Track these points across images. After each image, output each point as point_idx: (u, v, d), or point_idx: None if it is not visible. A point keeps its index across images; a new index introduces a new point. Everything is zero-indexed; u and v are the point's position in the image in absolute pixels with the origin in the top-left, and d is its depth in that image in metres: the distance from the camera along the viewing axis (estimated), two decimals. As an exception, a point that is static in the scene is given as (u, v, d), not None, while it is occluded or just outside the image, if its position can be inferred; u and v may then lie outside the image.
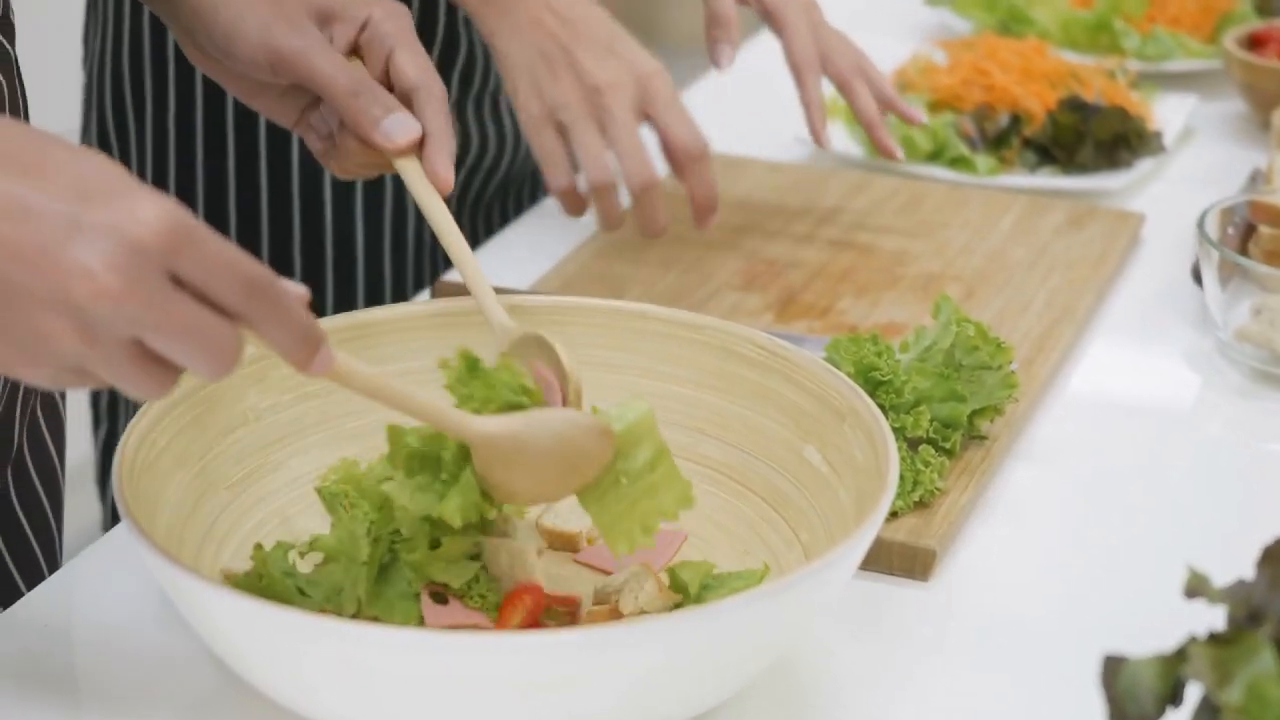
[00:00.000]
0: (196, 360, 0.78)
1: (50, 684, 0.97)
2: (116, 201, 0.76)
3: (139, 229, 0.75)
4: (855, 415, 1.00)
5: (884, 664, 1.00)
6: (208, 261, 0.77)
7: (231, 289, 0.77)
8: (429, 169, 1.06)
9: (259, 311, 0.79)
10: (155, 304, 0.75)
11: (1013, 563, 1.09)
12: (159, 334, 0.76)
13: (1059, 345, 1.30)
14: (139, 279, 0.75)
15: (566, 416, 0.93)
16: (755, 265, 1.42)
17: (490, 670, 0.83)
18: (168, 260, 0.76)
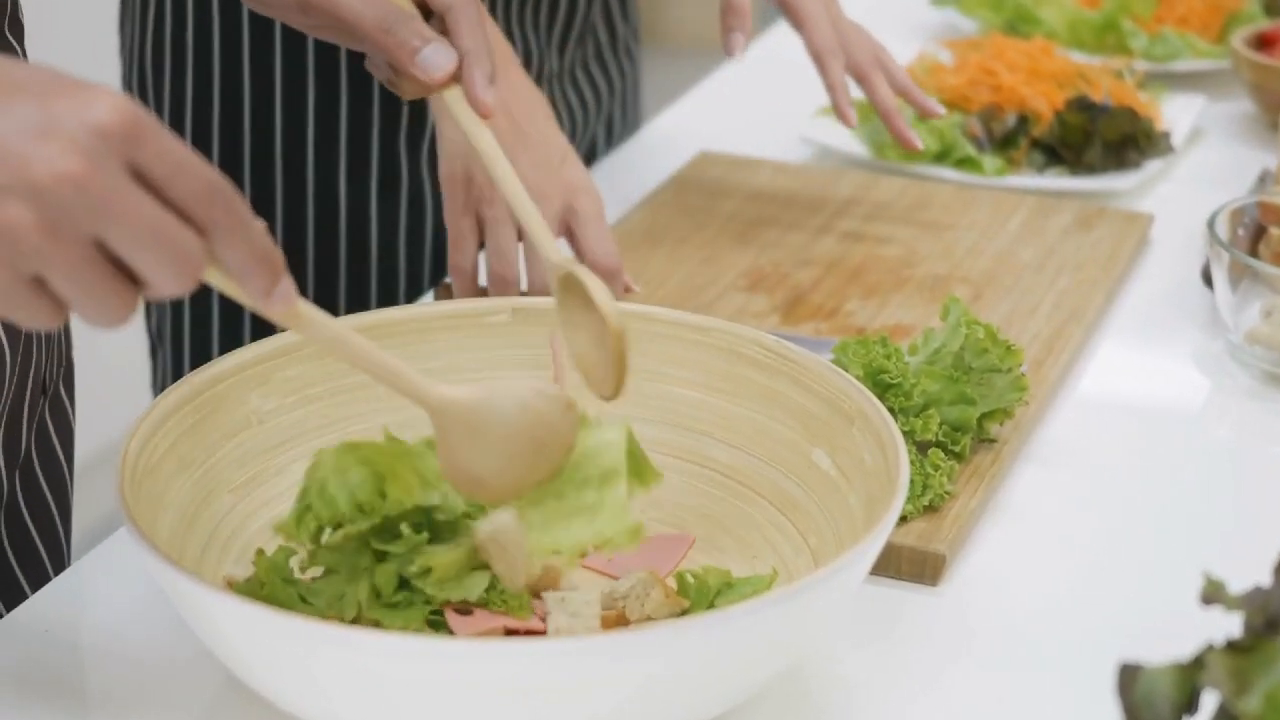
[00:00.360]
0: (158, 266, 0.74)
1: (54, 688, 0.96)
2: (78, 93, 0.74)
3: (100, 114, 0.73)
4: (864, 418, 0.99)
5: (893, 670, 0.99)
6: (169, 157, 0.74)
7: (194, 190, 0.75)
8: (468, 94, 1.03)
9: (221, 220, 0.75)
10: (118, 192, 0.73)
11: (1023, 567, 1.08)
12: (121, 227, 0.73)
13: (1068, 347, 1.29)
14: (101, 164, 0.72)
15: (531, 386, 0.91)
16: (762, 266, 1.41)
17: (497, 676, 0.82)
18: (130, 149, 0.73)
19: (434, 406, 0.89)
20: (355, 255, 1.54)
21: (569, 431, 0.91)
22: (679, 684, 0.85)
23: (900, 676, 0.99)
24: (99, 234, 0.74)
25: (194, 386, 1.00)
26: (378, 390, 1.08)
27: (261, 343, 1.05)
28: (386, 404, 1.07)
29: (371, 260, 1.54)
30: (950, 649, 1.01)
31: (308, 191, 1.52)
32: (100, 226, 0.73)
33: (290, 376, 1.05)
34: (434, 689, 0.83)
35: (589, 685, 0.83)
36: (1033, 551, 1.10)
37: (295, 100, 1.50)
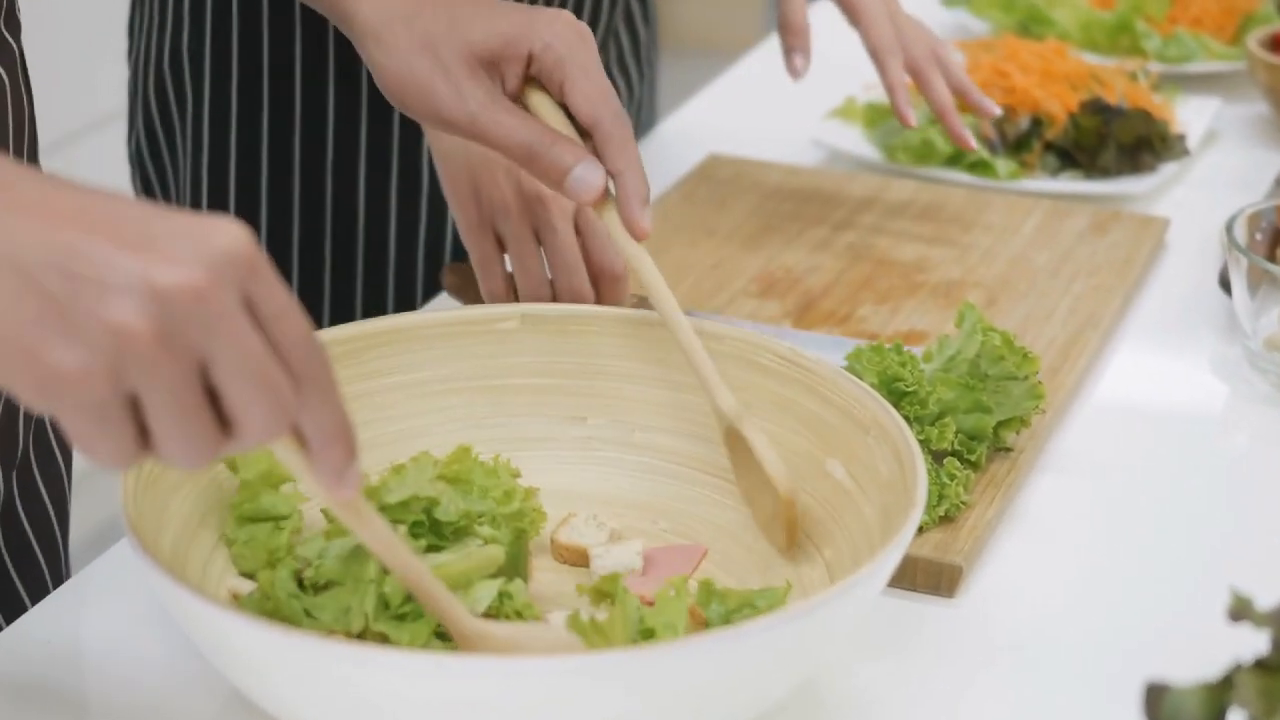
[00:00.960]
0: (253, 404, 0.72)
1: (55, 704, 0.94)
2: (200, 217, 0.72)
3: (224, 238, 0.71)
4: (880, 427, 0.98)
5: (908, 684, 0.97)
6: (279, 298, 0.72)
7: (296, 337, 0.72)
8: (623, 215, 1.02)
9: (315, 376, 0.73)
10: (233, 314, 0.71)
11: (1041, 579, 1.07)
12: (229, 351, 0.71)
13: (1084, 354, 1.27)
14: (222, 282, 0.70)
15: (564, 639, 0.88)
16: (773, 271, 1.39)
17: (507, 694, 0.80)
18: (247, 278, 0.71)
19: (466, 640, 0.87)
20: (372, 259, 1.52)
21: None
22: (692, 701, 0.83)
23: (916, 691, 0.97)
24: (207, 353, 0.71)
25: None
26: (385, 398, 1.07)
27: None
28: (399, 411, 1.07)
29: (389, 264, 1.52)
30: (968, 663, 1.00)
31: (326, 199, 1.50)
32: (211, 346, 0.71)
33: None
34: (440, 707, 0.81)
35: (603, 702, 0.81)
36: (1051, 563, 1.08)
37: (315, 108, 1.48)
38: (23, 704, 0.94)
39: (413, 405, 1.07)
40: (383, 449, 1.05)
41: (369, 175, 1.49)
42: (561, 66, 1.02)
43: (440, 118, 1.02)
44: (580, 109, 1.03)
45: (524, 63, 1.03)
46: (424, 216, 1.50)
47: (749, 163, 1.59)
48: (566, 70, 1.02)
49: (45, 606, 1.02)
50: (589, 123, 1.03)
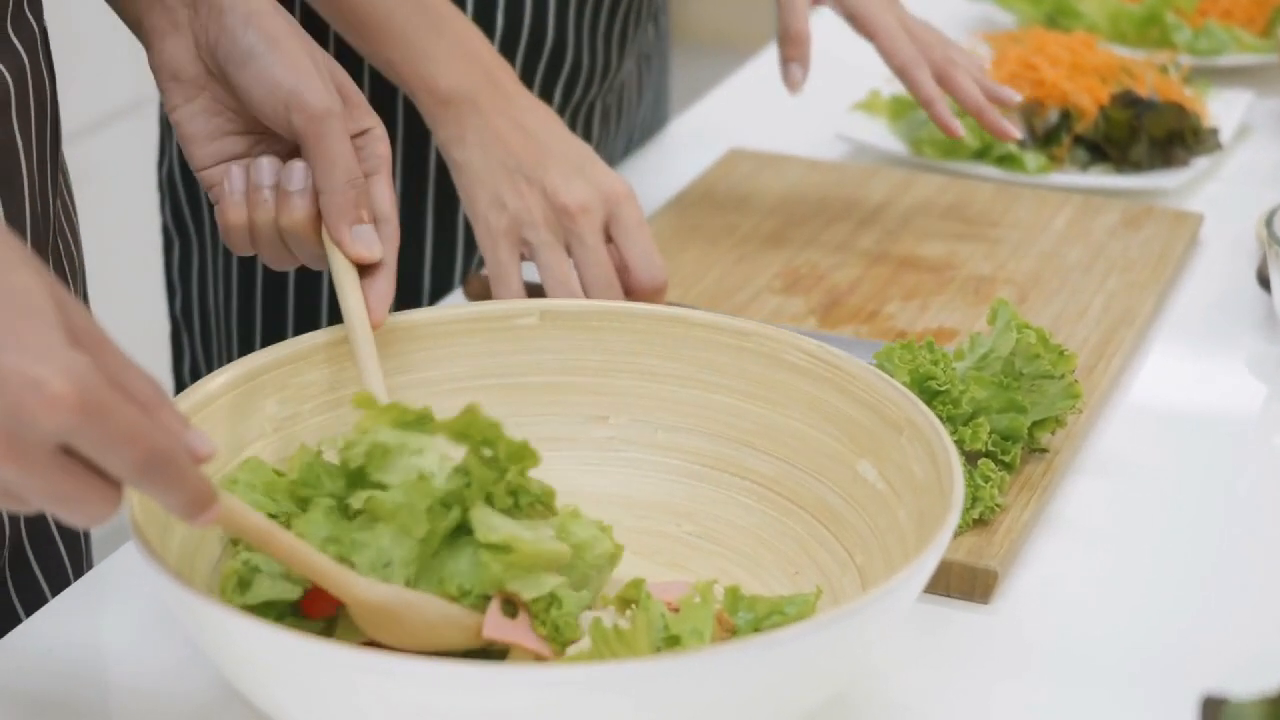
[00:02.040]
0: (69, 517, 0.75)
1: (71, 698, 0.92)
2: (25, 362, 0.71)
3: (36, 402, 0.71)
4: (913, 427, 0.94)
5: (942, 692, 0.94)
6: (106, 440, 0.73)
7: (126, 466, 0.74)
8: (372, 297, 1.01)
9: (151, 484, 0.75)
10: (35, 474, 0.72)
11: (1079, 584, 1.03)
12: (33, 496, 0.74)
13: (1119, 352, 1.23)
14: (23, 449, 0.72)
15: (443, 610, 0.86)
16: (797, 267, 1.36)
17: (524, 705, 0.76)
18: (60, 435, 0.72)
19: (346, 600, 0.86)
20: None
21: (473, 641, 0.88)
22: (719, 712, 0.79)
23: (950, 699, 0.93)
24: (10, 489, 0.74)
25: (206, 393, 0.95)
26: (404, 396, 1.03)
27: (277, 347, 1.00)
28: (409, 411, 1.03)
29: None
30: (1003, 670, 0.96)
31: None
32: (12, 488, 0.73)
33: (309, 381, 1.01)
34: (461, 716, 0.77)
35: (629, 713, 0.77)
36: (1088, 567, 1.04)
37: None
38: (40, 701, 0.91)
39: (429, 404, 1.03)
40: (397, 449, 1.02)
41: None
42: (381, 159, 1.04)
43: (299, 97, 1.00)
44: (382, 201, 1.03)
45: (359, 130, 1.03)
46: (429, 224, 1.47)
47: (770, 157, 1.55)
48: (383, 165, 1.04)
49: (63, 600, 1.00)
50: (383, 217, 1.03)
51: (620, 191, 1.19)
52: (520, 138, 1.20)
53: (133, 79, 2.68)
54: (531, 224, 1.18)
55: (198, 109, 1.04)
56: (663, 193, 1.51)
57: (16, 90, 1.02)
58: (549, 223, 1.18)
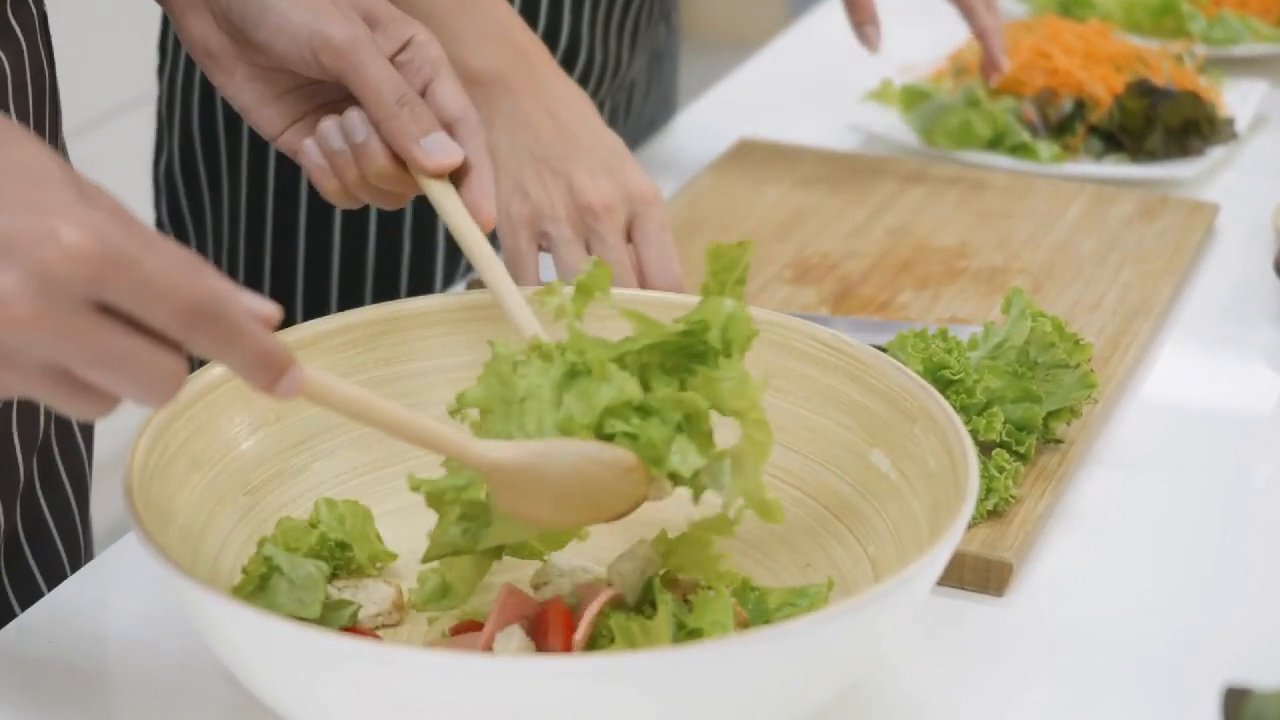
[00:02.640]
0: (129, 391, 0.71)
1: (68, 694, 0.90)
2: (39, 218, 0.68)
3: (56, 255, 0.68)
4: (928, 417, 0.92)
5: (956, 686, 0.92)
6: (140, 289, 0.70)
7: (170, 317, 0.70)
8: (471, 200, 0.99)
9: (205, 339, 0.72)
10: (73, 335, 0.69)
11: (1094, 577, 1.01)
12: (82, 365, 0.70)
13: (1135, 343, 1.22)
14: (53, 309, 0.68)
15: (586, 450, 0.84)
16: (808, 257, 1.34)
17: (535, 697, 0.75)
18: (91, 289, 0.69)
19: (481, 470, 0.83)
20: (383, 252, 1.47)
21: (631, 492, 0.85)
22: (731, 703, 0.78)
23: (964, 693, 0.92)
24: (56, 363, 0.70)
25: (207, 381, 0.94)
26: (403, 385, 1.02)
27: (281, 333, 0.98)
28: (410, 400, 1.02)
29: (404, 255, 1.46)
30: (1018, 663, 0.94)
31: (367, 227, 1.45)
32: (56, 359, 0.70)
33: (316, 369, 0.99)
34: (460, 710, 0.76)
35: (636, 707, 0.76)
36: (1104, 560, 1.03)
37: None
38: (40, 692, 0.90)
39: (434, 393, 1.02)
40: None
41: None
42: (436, 62, 1.01)
43: (321, 34, 0.97)
44: (449, 102, 1.00)
45: (400, 44, 1.01)
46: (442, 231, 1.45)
47: (781, 147, 1.54)
48: (440, 67, 1.01)
49: (64, 590, 0.99)
50: (455, 115, 1.00)
51: (647, 193, 1.17)
52: (550, 126, 1.18)
53: (130, 75, 2.67)
54: (553, 218, 1.17)
55: (241, 80, 1.02)
56: (672, 183, 1.49)
57: (14, 75, 1.01)
58: (570, 218, 1.16)
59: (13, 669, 0.92)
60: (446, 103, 1.00)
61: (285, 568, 0.90)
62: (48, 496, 1.11)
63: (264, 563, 0.90)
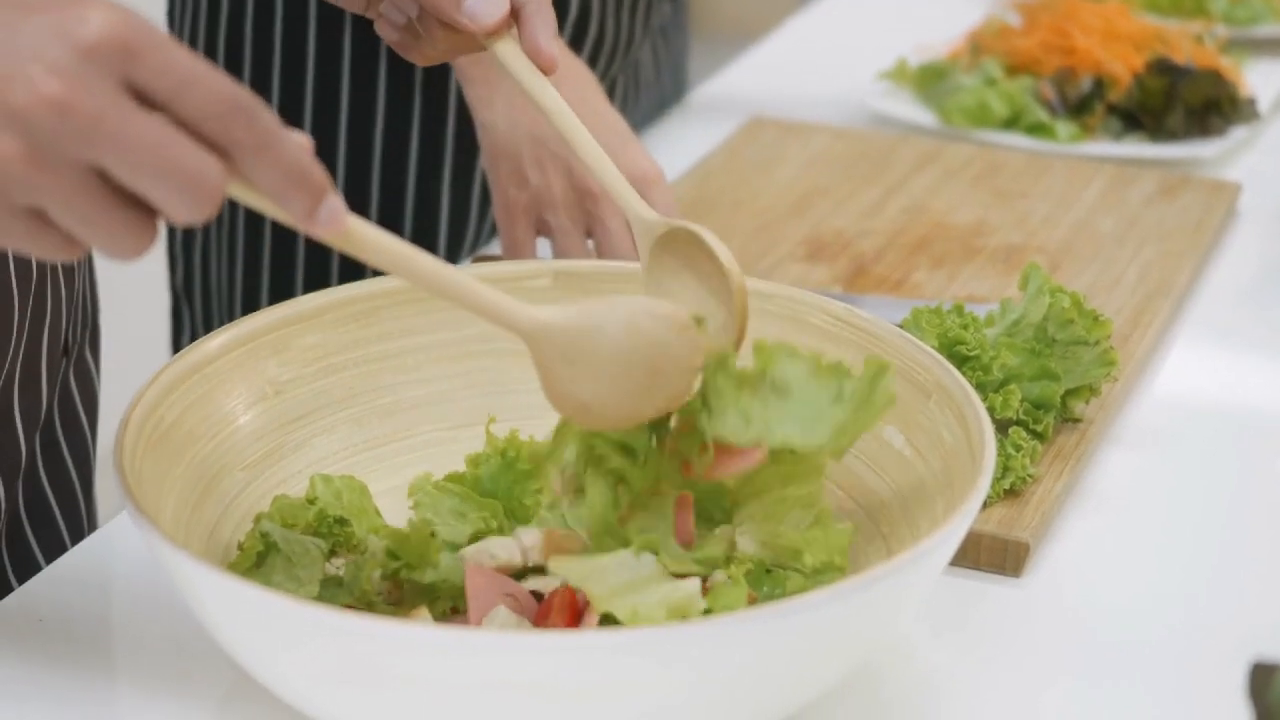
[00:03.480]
0: (168, 193, 0.66)
1: (76, 660, 0.88)
2: (64, 5, 0.65)
3: (88, 29, 0.65)
4: (942, 391, 0.90)
5: (971, 668, 0.90)
6: (175, 72, 0.65)
7: (207, 107, 0.66)
8: (529, 45, 0.94)
9: (243, 139, 0.67)
10: (109, 116, 0.64)
11: (1113, 557, 0.99)
12: (117, 153, 0.65)
13: (1155, 322, 1.19)
14: (89, 85, 0.64)
15: (642, 304, 0.79)
16: (821, 235, 1.31)
17: (538, 674, 0.72)
18: (125, 66, 0.65)
19: (527, 333, 0.78)
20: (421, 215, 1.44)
21: (690, 353, 0.80)
22: (735, 684, 0.75)
23: (980, 675, 0.89)
24: (94, 161, 0.66)
25: (204, 353, 0.91)
26: (406, 360, 0.99)
27: (279, 306, 0.96)
28: (417, 375, 0.99)
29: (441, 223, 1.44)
30: (1035, 645, 0.92)
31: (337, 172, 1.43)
32: (94, 154, 0.65)
33: (311, 344, 0.97)
34: (460, 690, 0.73)
35: (643, 683, 0.73)
36: (1123, 541, 1.00)
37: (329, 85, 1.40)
38: (41, 665, 0.88)
39: (436, 369, 1.00)
40: (403, 415, 0.98)
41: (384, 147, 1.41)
42: None
43: None
44: None
45: None
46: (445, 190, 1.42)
47: (794, 126, 1.51)
48: None
49: (66, 561, 0.97)
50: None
51: (648, 175, 1.14)
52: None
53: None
54: (551, 205, 1.14)
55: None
56: (683, 162, 1.47)
57: None
58: (569, 206, 1.14)
59: (14, 641, 0.90)
60: None
61: (282, 544, 0.88)
62: (50, 476, 1.09)
63: (261, 539, 0.88)
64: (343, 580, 0.87)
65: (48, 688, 0.86)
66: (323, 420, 0.96)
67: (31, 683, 0.87)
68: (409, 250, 0.74)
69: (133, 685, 0.88)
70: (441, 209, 1.42)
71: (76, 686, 0.86)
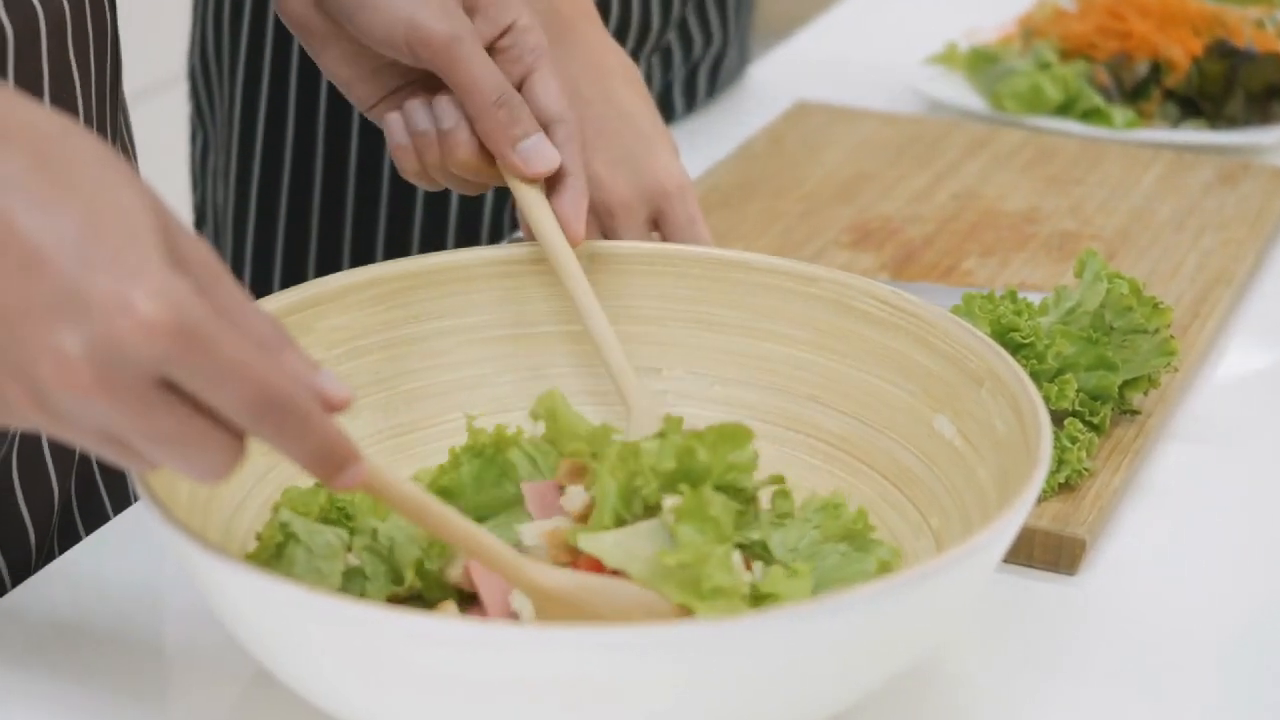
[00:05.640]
0: (183, 466, 0.67)
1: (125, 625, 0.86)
2: (119, 282, 0.64)
3: (128, 326, 0.63)
4: (996, 379, 0.85)
5: (1024, 670, 0.86)
6: (211, 372, 0.65)
7: (239, 405, 0.66)
8: (562, 212, 0.95)
9: (270, 431, 0.67)
10: (131, 410, 0.65)
11: (1172, 555, 0.95)
12: (137, 439, 0.66)
13: (1215, 312, 1.15)
14: (116, 380, 0.64)
15: (637, 596, 0.78)
16: (868, 221, 1.27)
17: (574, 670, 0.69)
18: (159, 367, 0.64)
19: (529, 591, 0.78)
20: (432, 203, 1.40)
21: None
22: (773, 686, 0.71)
23: (1032, 677, 0.85)
24: (112, 432, 0.66)
25: (224, 334, 0.88)
26: (434, 344, 0.96)
27: (303, 287, 0.92)
28: (452, 359, 0.96)
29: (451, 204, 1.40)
30: (1090, 646, 0.88)
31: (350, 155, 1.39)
32: (112, 428, 0.66)
33: (337, 326, 0.93)
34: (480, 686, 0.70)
35: (672, 683, 0.69)
36: (1182, 538, 0.96)
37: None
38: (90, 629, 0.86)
39: (467, 352, 0.96)
40: (433, 400, 0.95)
41: None
42: (536, 52, 0.96)
43: (417, 27, 0.92)
44: (548, 99, 0.96)
45: (500, 29, 0.96)
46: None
47: (841, 110, 1.47)
48: (540, 57, 0.96)
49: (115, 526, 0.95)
50: (553, 116, 0.96)
51: (669, 187, 1.09)
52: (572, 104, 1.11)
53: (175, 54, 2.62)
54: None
55: (337, 56, 0.97)
56: (726, 146, 1.42)
57: (73, 15, 0.94)
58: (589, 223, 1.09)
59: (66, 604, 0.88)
60: (547, 102, 0.96)
61: (303, 535, 0.84)
62: (102, 467, 1.05)
63: (280, 530, 0.84)
64: (365, 572, 0.83)
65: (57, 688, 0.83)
66: (347, 406, 0.92)
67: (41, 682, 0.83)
68: (427, 499, 0.75)
69: (146, 683, 0.84)
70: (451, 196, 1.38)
71: (85, 687, 0.83)
